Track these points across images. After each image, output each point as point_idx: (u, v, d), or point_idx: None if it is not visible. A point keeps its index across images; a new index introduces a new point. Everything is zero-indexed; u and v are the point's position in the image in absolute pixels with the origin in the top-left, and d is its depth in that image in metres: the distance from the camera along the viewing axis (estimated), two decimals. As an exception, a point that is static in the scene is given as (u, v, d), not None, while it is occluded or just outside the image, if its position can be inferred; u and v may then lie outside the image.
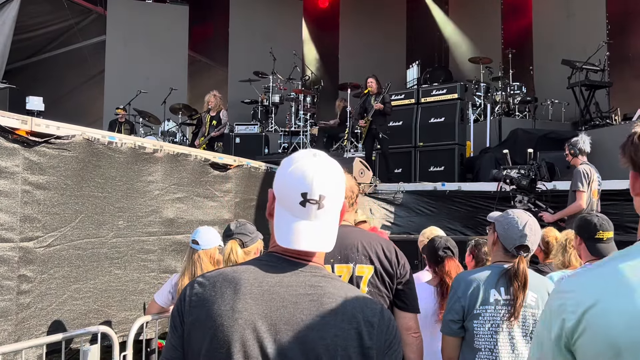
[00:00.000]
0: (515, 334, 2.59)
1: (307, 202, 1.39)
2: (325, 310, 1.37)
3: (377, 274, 2.50)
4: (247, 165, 5.96)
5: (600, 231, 3.14)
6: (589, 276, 1.19)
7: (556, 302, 1.19)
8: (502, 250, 2.71)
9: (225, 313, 1.34)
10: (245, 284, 1.38)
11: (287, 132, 12.35)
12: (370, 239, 2.59)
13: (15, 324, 3.49)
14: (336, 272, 2.48)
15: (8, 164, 3.48)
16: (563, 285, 1.21)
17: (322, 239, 1.43)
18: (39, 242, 3.69)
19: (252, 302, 1.36)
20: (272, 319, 1.35)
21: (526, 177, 6.68)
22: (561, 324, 1.15)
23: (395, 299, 2.55)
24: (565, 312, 1.15)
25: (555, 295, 1.22)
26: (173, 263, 4.85)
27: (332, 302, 1.38)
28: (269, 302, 1.36)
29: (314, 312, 1.36)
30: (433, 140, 10.03)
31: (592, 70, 10.47)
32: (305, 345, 1.33)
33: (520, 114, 11.91)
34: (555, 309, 1.18)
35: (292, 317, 1.35)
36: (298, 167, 1.42)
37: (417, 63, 13.95)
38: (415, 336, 2.56)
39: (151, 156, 4.65)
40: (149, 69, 13.62)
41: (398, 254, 2.59)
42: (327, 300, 1.38)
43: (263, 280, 1.39)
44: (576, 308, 1.13)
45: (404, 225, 8.78)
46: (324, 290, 1.40)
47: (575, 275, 1.23)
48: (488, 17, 15.03)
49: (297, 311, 1.36)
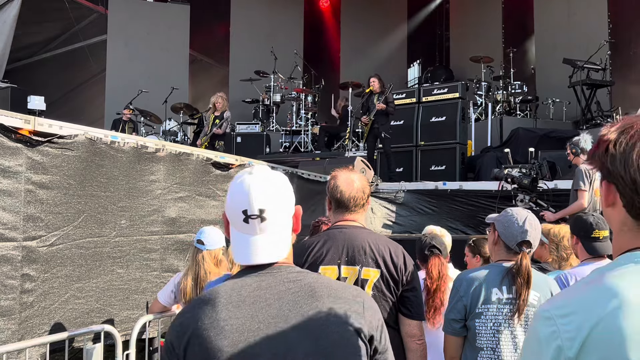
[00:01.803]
0: (517, 332, 2.59)
1: (249, 218, 1.43)
2: (310, 296, 1.42)
3: (382, 279, 2.49)
4: (249, 165, 5.97)
5: (596, 230, 3.16)
6: (579, 296, 1.08)
7: (545, 330, 1.06)
8: (504, 249, 2.72)
9: (209, 325, 1.37)
10: (223, 296, 1.41)
11: (289, 131, 12.36)
12: (379, 242, 2.56)
13: (19, 322, 3.50)
14: (342, 273, 2.47)
15: (11, 163, 3.49)
16: (549, 310, 1.08)
17: (275, 249, 1.47)
18: (42, 242, 3.70)
19: (235, 309, 1.39)
20: (259, 317, 1.38)
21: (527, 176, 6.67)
22: (557, 352, 1.04)
23: (400, 305, 2.53)
24: (559, 339, 1.04)
25: (542, 322, 1.08)
26: (175, 262, 4.86)
27: (314, 288, 1.43)
28: (252, 305, 1.40)
29: (299, 301, 1.41)
30: (434, 140, 10.04)
31: (594, 69, 10.48)
32: (301, 330, 1.37)
33: (522, 113, 11.92)
34: (546, 337, 1.06)
35: (279, 311, 1.39)
36: (236, 187, 1.47)
37: (418, 62, 13.96)
38: (419, 343, 2.54)
39: (153, 155, 4.66)
40: (150, 68, 13.64)
41: (406, 260, 2.56)
42: (308, 288, 1.43)
43: (241, 289, 1.43)
44: (576, 334, 1.03)
45: (405, 224, 8.79)
46: (304, 282, 1.45)
47: (561, 298, 1.13)
48: (489, 16, 15.02)
49: (283, 305, 1.40)
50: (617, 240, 1.16)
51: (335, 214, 2.63)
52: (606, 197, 1.16)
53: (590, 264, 3.13)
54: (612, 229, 1.18)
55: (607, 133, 1.16)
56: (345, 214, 2.59)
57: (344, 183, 2.59)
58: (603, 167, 1.15)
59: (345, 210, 2.59)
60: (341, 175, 2.64)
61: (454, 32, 16.21)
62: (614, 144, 1.13)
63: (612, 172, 1.12)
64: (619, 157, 1.11)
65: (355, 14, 15.93)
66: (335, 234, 2.53)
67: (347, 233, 2.54)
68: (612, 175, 1.13)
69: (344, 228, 2.57)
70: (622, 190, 1.12)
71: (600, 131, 1.19)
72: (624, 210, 1.12)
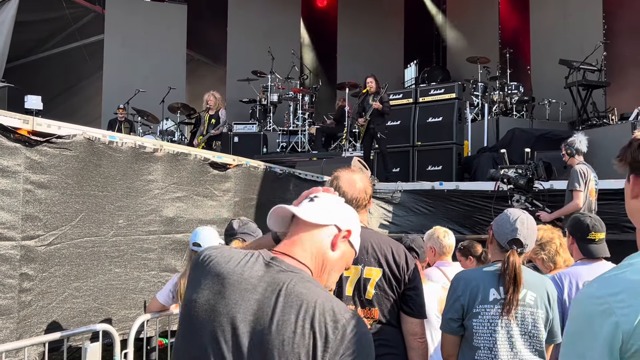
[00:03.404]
0: (514, 332, 2.60)
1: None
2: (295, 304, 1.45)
3: (385, 278, 2.50)
4: (247, 165, 5.98)
5: (593, 232, 3.17)
6: (626, 278, 1.13)
7: (597, 308, 1.11)
8: (498, 248, 2.73)
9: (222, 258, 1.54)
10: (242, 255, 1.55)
11: (286, 131, 12.37)
12: (381, 241, 2.58)
13: (17, 321, 3.51)
14: (345, 272, 2.49)
15: (10, 163, 3.50)
16: (599, 290, 1.13)
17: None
18: (40, 241, 3.71)
19: (237, 267, 1.51)
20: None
21: (523, 177, 6.70)
22: (613, 328, 1.08)
23: (402, 303, 2.55)
24: (614, 315, 1.08)
25: (590, 301, 1.13)
26: (173, 262, 4.87)
27: (301, 298, 1.47)
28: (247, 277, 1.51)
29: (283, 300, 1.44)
30: (431, 140, 10.07)
31: (589, 70, 10.52)
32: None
33: (518, 113, 11.96)
34: (598, 313, 1.10)
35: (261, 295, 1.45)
36: None
37: (415, 62, 14.00)
38: (421, 341, 2.56)
39: (151, 155, 4.67)
40: (147, 67, 13.64)
41: (408, 259, 2.58)
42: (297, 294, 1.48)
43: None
44: (629, 310, 1.07)
45: (402, 224, 8.82)
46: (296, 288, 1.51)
47: (605, 279, 1.17)
48: (485, 17, 15.06)
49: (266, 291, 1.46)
50: None
51: None
52: (632, 190, 1.27)
53: (584, 264, 3.15)
54: (636, 221, 1.28)
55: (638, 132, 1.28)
56: None
57: (347, 183, 2.60)
58: (634, 162, 1.25)
59: None
60: (343, 175, 2.64)
61: (451, 33, 16.26)
62: None
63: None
64: None
65: (352, 14, 15.95)
66: None
67: None
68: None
69: None
70: None
71: (633, 134, 1.29)
72: None
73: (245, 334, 1.38)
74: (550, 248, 3.50)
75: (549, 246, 3.50)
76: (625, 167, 1.27)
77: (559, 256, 3.48)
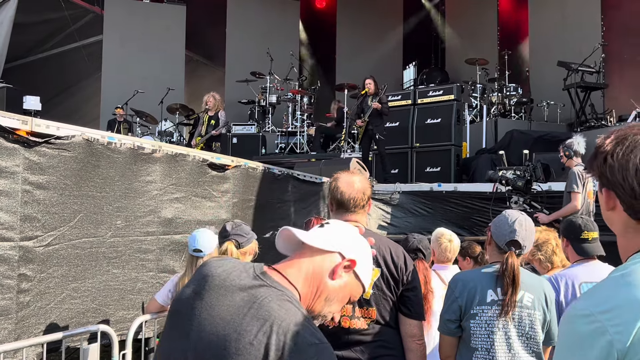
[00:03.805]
0: (511, 333, 2.61)
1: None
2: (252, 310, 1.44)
3: (383, 278, 2.51)
4: (245, 166, 5.98)
5: (585, 231, 3.20)
6: (616, 293, 1.11)
7: (587, 327, 1.08)
8: (496, 249, 2.74)
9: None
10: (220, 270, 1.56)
11: (284, 132, 12.38)
12: (380, 242, 2.58)
13: (15, 322, 3.51)
14: None
15: (8, 163, 3.51)
16: (587, 308, 1.10)
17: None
18: (39, 242, 3.71)
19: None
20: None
21: (522, 178, 6.72)
22: (607, 347, 1.05)
23: (400, 304, 2.55)
24: (607, 334, 1.06)
25: (580, 320, 1.10)
26: (171, 263, 4.87)
27: (261, 305, 1.46)
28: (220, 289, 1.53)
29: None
30: (429, 141, 10.08)
31: (588, 72, 10.55)
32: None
33: (516, 115, 11.98)
34: (589, 333, 1.07)
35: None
36: None
37: (414, 64, 14.01)
38: (419, 343, 2.56)
39: (150, 156, 4.67)
40: (146, 68, 13.64)
41: (406, 260, 2.59)
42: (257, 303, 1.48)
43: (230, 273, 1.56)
44: (624, 328, 1.05)
45: (400, 225, 8.83)
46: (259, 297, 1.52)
47: (595, 295, 1.14)
48: (484, 18, 15.09)
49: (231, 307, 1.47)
50: (622, 240, 1.25)
51: (336, 215, 2.66)
52: (607, 203, 1.25)
53: (580, 265, 3.16)
54: (615, 230, 1.27)
55: (604, 145, 1.25)
56: (346, 215, 2.62)
57: (345, 184, 2.62)
58: (602, 176, 1.24)
59: (346, 211, 2.62)
60: (342, 176, 2.67)
61: (450, 35, 16.28)
62: (611, 155, 1.22)
63: (612, 181, 1.22)
64: (617, 167, 1.20)
65: (351, 15, 15.98)
66: None
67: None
68: (611, 183, 1.22)
69: None
70: (622, 197, 1.21)
71: (596, 142, 1.27)
72: (624, 213, 1.22)
73: (211, 335, 1.39)
74: (546, 248, 3.52)
75: (546, 247, 3.52)
76: (595, 178, 1.27)
77: (555, 256, 3.51)
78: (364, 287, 1.61)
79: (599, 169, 1.24)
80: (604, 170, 1.23)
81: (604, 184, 1.25)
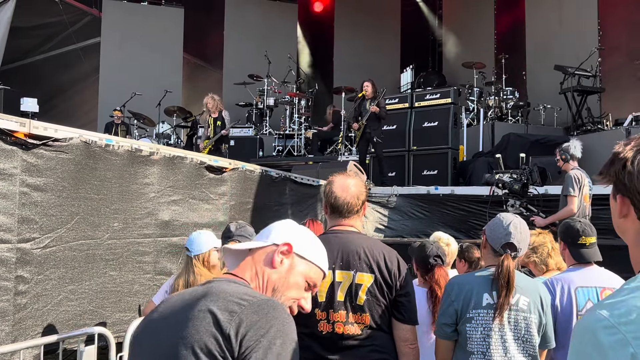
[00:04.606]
0: (507, 337, 2.61)
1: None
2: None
3: (376, 283, 2.50)
4: (243, 168, 6.00)
5: (583, 237, 3.17)
6: (638, 305, 1.08)
7: (610, 338, 1.06)
8: (492, 252, 2.74)
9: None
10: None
11: (282, 135, 12.39)
12: (374, 247, 2.58)
13: (13, 324, 3.51)
14: (337, 278, 2.48)
15: (6, 165, 3.51)
16: (609, 319, 1.08)
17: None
18: (36, 244, 3.72)
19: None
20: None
21: (518, 182, 6.74)
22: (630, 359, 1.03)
23: (394, 309, 2.55)
24: (630, 346, 1.03)
25: (602, 331, 1.07)
26: (168, 265, 4.88)
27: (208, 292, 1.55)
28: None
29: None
30: (426, 145, 10.10)
31: (584, 76, 10.59)
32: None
33: (513, 118, 12.01)
34: (611, 345, 1.05)
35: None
36: None
37: (411, 67, 14.03)
38: (412, 347, 2.56)
39: (147, 159, 4.68)
40: (143, 71, 13.64)
41: (400, 265, 2.57)
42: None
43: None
44: None
45: (397, 228, 8.84)
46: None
47: (617, 305, 1.11)
48: (481, 22, 15.13)
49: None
50: (636, 250, 1.23)
51: (331, 219, 2.66)
52: (620, 210, 1.23)
53: (577, 269, 3.16)
54: (628, 239, 1.24)
55: (623, 151, 1.23)
56: (340, 219, 2.62)
57: (339, 188, 2.61)
58: (619, 182, 1.22)
59: (340, 216, 2.62)
60: (337, 180, 2.65)
61: (447, 38, 16.32)
62: (631, 162, 1.20)
63: (629, 187, 1.20)
64: (637, 175, 1.19)
65: (349, 18, 16.01)
66: (330, 238, 2.54)
67: (342, 238, 2.57)
68: (628, 190, 1.21)
69: (339, 233, 2.60)
70: (638, 204, 1.20)
71: (614, 148, 1.26)
72: (638, 221, 1.21)
73: (170, 319, 1.48)
74: (542, 251, 3.52)
75: (541, 249, 3.53)
76: (608, 183, 1.25)
77: (550, 259, 3.51)
78: (319, 267, 1.68)
79: (616, 175, 1.22)
80: (622, 176, 1.21)
81: (619, 190, 1.23)
